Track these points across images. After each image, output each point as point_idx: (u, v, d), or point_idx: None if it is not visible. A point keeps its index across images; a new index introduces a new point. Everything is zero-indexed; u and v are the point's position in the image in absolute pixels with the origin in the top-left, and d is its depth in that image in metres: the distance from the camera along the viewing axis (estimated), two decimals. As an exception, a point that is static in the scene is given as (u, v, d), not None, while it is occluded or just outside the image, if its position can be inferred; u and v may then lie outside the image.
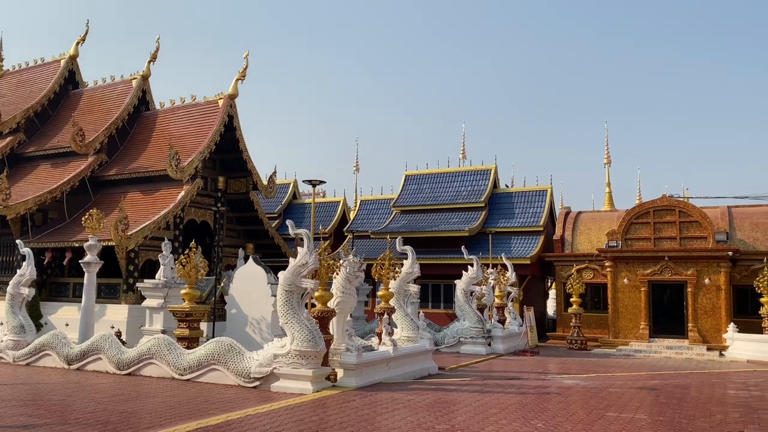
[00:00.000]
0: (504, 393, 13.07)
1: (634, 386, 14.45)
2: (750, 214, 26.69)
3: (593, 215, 30.91)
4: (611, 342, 24.83)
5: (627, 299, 25.27)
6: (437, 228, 30.70)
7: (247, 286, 17.81)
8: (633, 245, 25.74)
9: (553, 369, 17.93)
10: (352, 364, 13.18)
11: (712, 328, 23.74)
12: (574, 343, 24.69)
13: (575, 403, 12.06)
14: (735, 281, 24.45)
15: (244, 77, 25.82)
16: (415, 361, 15.60)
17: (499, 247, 28.98)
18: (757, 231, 25.74)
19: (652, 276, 24.85)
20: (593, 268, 27.45)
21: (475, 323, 21.81)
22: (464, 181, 33.30)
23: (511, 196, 32.47)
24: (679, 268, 24.43)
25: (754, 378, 16.34)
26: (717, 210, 27.03)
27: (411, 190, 34.34)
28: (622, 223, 26.21)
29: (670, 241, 25.28)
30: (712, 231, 24.70)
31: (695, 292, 24.15)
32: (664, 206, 25.87)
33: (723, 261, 23.94)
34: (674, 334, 24.26)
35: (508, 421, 10.05)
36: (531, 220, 30.59)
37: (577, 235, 29.12)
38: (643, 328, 24.58)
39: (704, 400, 12.65)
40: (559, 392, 13.36)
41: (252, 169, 26.38)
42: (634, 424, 10.05)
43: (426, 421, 9.91)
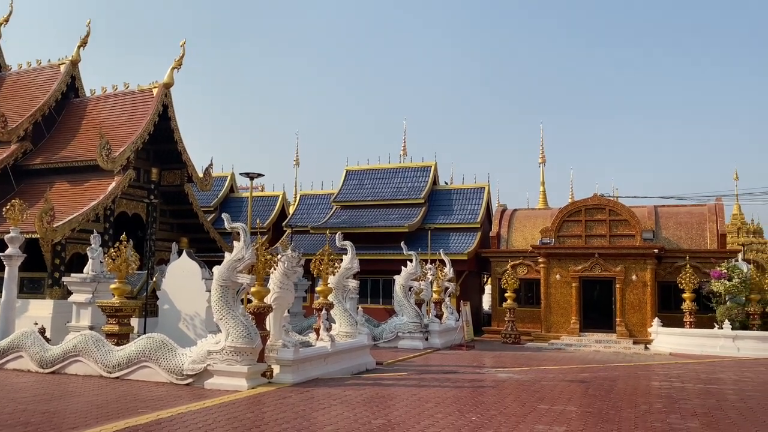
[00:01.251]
0: (440, 387, 13.21)
1: (565, 379, 14.89)
2: (675, 213, 27.99)
3: (528, 213, 31.71)
4: (544, 336, 25.54)
5: (559, 294, 26.05)
6: (377, 224, 30.76)
7: (181, 281, 17.33)
8: (565, 242, 26.55)
9: (487, 363, 18.27)
10: (288, 360, 13.02)
11: (638, 323, 24.77)
12: (508, 337, 25.25)
13: (509, 396, 12.32)
14: (660, 278, 25.59)
15: (180, 66, 25.06)
16: (353, 357, 15.57)
17: (437, 243, 29.30)
18: (681, 230, 27.01)
19: (583, 272, 25.70)
20: (527, 264, 28.14)
21: (413, 318, 21.98)
22: (405, 177, 33.50)
23: (450, 193, 32.90)
24: (608, 264, 25.37)
25: (675, 370, 17.14)
26: (644, 209, 28.19)
27: (352, 185, 34.26)
28: (556, 220, 26.99)
29: (601, 239, 26.21)
30: (640, 229, 25.75)
31: (623, 288, 25.14)
32: (595, 205, 26.80)
33: (649, 258, 25.00)
34: (603, 329, 25.18)
35: (444, 415, 10.16)
36: (469, 217, 31.08)
37: (512, 232, 29.79)
38: (573, 323, 25.39)
39: (630, 391, 13.16)
40: (493, 385, 13.62)
41: (187, 161, 25.67)
42: (565, 416, 10.34)
43: (363, 416, 9.89)
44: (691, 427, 9.65)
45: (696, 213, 27.81)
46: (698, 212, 27.82)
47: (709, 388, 13.79)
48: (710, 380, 15.05)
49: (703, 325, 23.21)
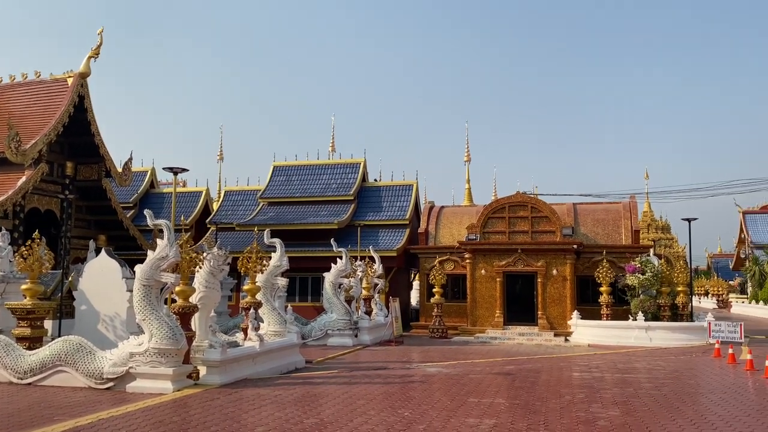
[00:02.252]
0: (371, 383, 13.22)
1: (492, 372, 15.25)
2: (592, 210, 29.21)
3: (455, 210, 32.26)
4: (470, 330, 26.07)
5: (484, 289, 26.65)
6: (306, 220, 30.45)
7: (99, 280, 16.51)
8: (490, 238, 27.18)
9: (416, 358, 18.46)
10: (215, 361, 12.67)
11: (558, 316, 25.70)
12: (435, 332, 25.61)
13: (439, 390, 12.48)
14: (578, 272, 26.63)
15: (97, 55, 23.85)
16: (282, 356, 15.34)
17: (367, 239, 29.32)
18: (598, 226, 28.23)
19: (507, 267, 26.40)
20: (454, 259, 28.62)
21: (343, 315, 21.91)
22: (334, 173, 33.31)
23: (380, 190, 33.00)
24: (530, 259, 26.17)
25: (594, 361, 17.90)
26: (564, 206, 29.26)
27: (279, 181, 33.74)
28: (481, 217, 27.59)
29: (523, 235, 27.00)
30: (560, 226, 26.71)
31: (544, 282, 26.00)
32: (518, 202, 27.58)
33: (569, 253, 25.98)
34: (526, 322, 25.96)
35: (376, 412, 10.16)
36: (398, 214, 31.29)
37: (440, 229, 30.22)
38: (498, 316, 26.05)
39: (554, 382, 13.63)
40: (423, 380, 13.76)
41: (105, 155, 24.49)
42: (494, 408, 10.58)
43: (294, 415, 9.74)
44: (611, 415, 10.08)
45: (612, 210, 29.13)
46: (614, 209, 29.16)
47: (626, 377, 14.47)
48: (627, 370, 15.81)
49: (618, 317, 24.34)
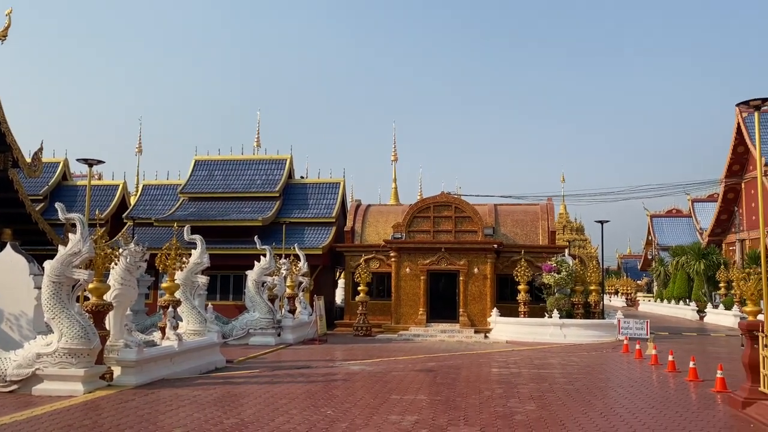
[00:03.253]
0: (293, 382, 13.10)
1: (414, 369, 15.46)
2: (512, 211, 30.15)
3: (381, 208, 32.47)
4: (393, 328, 26.32)
5: (408, 287, 26.99)
6: (229, 217, 29.80)
7: (4, 277, 15.49)
8: (415, 237, 27.55)
9: (340, 356, 18.45)
10: (131, 361, 12.19)
11: (479, 313, 26.38)
12: (360, 329, 25.69)
13: (362, 388, 12.52)
14: (498, 271, 27.43)
15: (5, 37, 22.34)
16: (202, 355, 14.95)
17: (292, 237, 29.02)
18: (517, 227, 29.16)
19: (431, 266, 26.85)
20: (380, 258, 28.81)
21: (266, 314, 21.59)
22: (259, 169, 32.75)
23: (306, 187, 32.74)
24: (453, 258, 26.71)
25: (512, 357, 18.48)
26: (486, 207, 30.05)
27: (201, 176, 32.84)
28: (406, 216, 27.92)
29: (447, 234, 27.53)
30: (482, 226, 27.41)
31: (466, 280, 26.62)
32: (442, 202, 28.10)
33: (490, 253, 26.72)
34: (448, 319, 26.49)
35: (298, 411, 10.08)
36: (324, 212, 31.15)
37: (366, 227, 30.33)
38: (421, 314, 26.44)
39: (474, 378, 13.97)
40: (346, 378, 13.77)
41: (12, 144, 22.97)
42: (416, 405, 10.72)
43: (213, 416, 9.51)
44: (528, 409, 10.44)
45: (530, 211, 30.17)
46: (532, 211, 30.21)
47: (541, 372, 15.03)
48: (543, 365, 16.41)
49: (535, 315, 25.26)
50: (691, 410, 10.47)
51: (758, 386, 10.27)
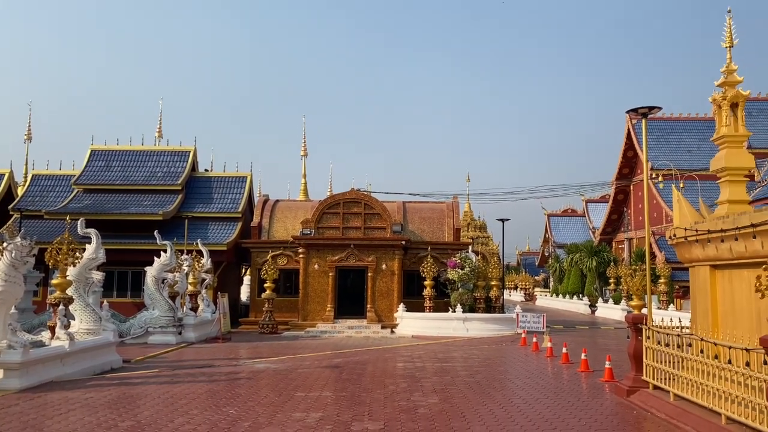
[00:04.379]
0: (194, 382, 12.70)
1: (321, 365, 15.41)
2: (420, 209, 30.71)
3: (289, 204, 32.09)
4: (300, 325, 26.11)
5: (316, 284, 26.86)
6: (127, 210, 28.41)
7: None
8: (324, 233, 27.46)
9: (244, 354, 18.08)
10: (15, 363, 11.38)
11: (386, 309, 26.69)
12: (265, 327, 25.29)
13: (266, 386, 12.34)
14: (406, 267, 27.86)
15: None
16: (96, 356, 14.18)
17: (195, 232, 28.09)
18: (424, 224, 29.73)
19: (340, 262, 26.86)
20: (287, 254, 28.48)
21: (166, 312, 20.79)
22: (160, 161, 31.43)
23: (211, 181, 31.79)
24: (362, 255, 26.87)
25: (417, 351, 18.84)
26: (394, 204, 30.43)
27: (98, 167, 31.09)
28: (316, 212, 27.76)
29: (356, 231, 27.64)
30: (390, 223, 27.73)
31: (374, 276, 26.85)
32: (352, 199, 28.16)
33: (398, 249, 27.09)
34: (356, 315, 26.62)
35: (199, 411, 9.78)
36: (230, 206, 30.38)
37: (274, 223, 29.87)
38: (329, 311, 26.40)
39: (379, 373, 14.11)
40: (250, 377, 13.52)
41: None
42: (321, 401, 10.69)
43: (108, 419, 9.05)
44: (431, 402, 10.68)
45: (437, 209, 30.86)
46: (439, 209, 30.92)
47: (444, 366, 15.42)
48: (446, 359, 16.85)
49: (440, 310, 25.88)
50: (582, 399, 11.10)
51: (641, 375, 11.04)
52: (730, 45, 11.14)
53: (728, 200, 10.98)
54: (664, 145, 42.14)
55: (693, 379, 9.14)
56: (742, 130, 11.08)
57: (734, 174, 11.08)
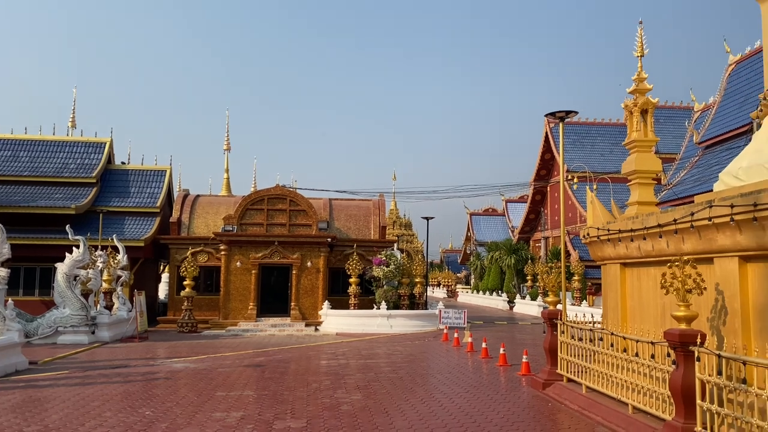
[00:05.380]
0: (108, 383, 12.18)
1: (242, 365, 15.13)
2: (346, 206, 30.70)
3: (211, 199, 31.28)
4: (222, 323, 25.54)
5: (239, 281, 26.34)
6: (36, 203, 26.82)
7: None
8: (247, 230, 26.94)
9: (162, 354, 17.50)
10: None
11: (311, 306, 26.51)
12: (184, 326, 24.57)
13: (185, 386, 11.99)
14: (331, 264, 27.79)
15: None
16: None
17: (111, 227, 26.91)
18: (350, 221, 29.75)
19: (263, 259, 26.44)
20: (208, 251, 27.77)
21: (78, 310, 19.79)
22: (73, 152, 29.88)
23: (128, 174, 30.52)
24: (286, 252, 26.57)
25: (341, 348, 18.84)
26: (320, 201, 30.28)
27: (4, 156, 29.18)
28: (239, 208, 27.19)
29: (281, 227, 27.28)
30: (316, 220, 27.56)
31: (299, 274, 26.62)
32: (277, 195, 27.77)
33: (323, 246, 26.96)
34: (279, 313, 26.30)
35: (113, 413, 9.38)
36: (148, 201, 29.29)
37: (194, 219, 29.04)
38: (251, 309, 25.95)
39: (303, 371, 14.01)
40: (168, 377, 13.10)
41: None
42: (242, 400, 10.50)
43: (12, 424, 8.53)
44: (354, 399, 10.71)
45: (363, 207, 30.95)
46: (365, 206, 31.01)
47: (368, 362, 15.50)
48: (370, 356, 16.93)
49: (365, 307, 25.97)
50: (500, 393, 11.44)
51: (556, 369, 11.51)
52: (641, 54, 11.78)
53: (638, 202, 11.63)
54: (579, 148, 44.04)
55: (603, 372, 9.61)
56: (651, 135, 11.75)
57: (643, 177, 11.74)
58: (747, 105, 25.67)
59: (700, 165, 29.35)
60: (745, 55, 28.71)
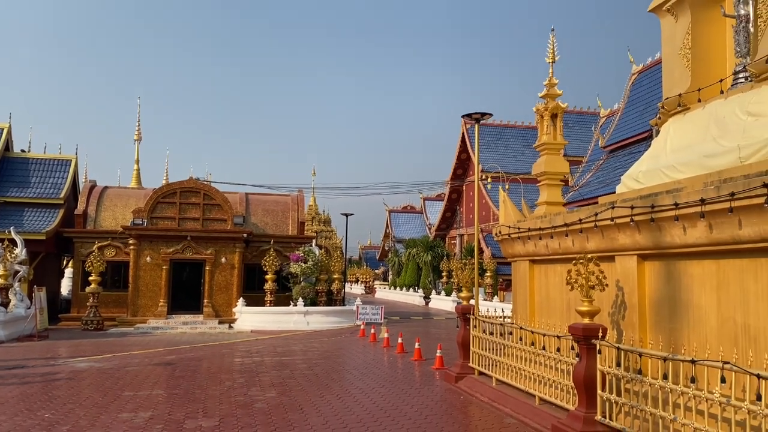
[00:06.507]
0: (3, 385, 11.42)
1: (151, 363, 14.60)
2: (263, 201, 30.20)
3: (120, 191, 29.92)
4: (130, 321, 24.52)
5: (148, 277, 25.34)
6: None
7: None
8: (158, 224, 25.97)
9: (64, 353, 16.59)
10: None
11: (224, 303, 25.91)
12: (90, 323, 23.41)
13: (89, 386, 11.44)
14: (247, 260, 27.25)
15: None
16: None
17: (8, 219, 25.18)
18: (268, 216, 29.30)
19: (175, 254, 25.57)
20: (116, 245, 26.55)
21: (-31, 307, 18.42)
22: (-35, 138, 27.70)
23: (28, 163, 28.63)
24: (200, 247, 25.81)
25: (256, 346, 18.55)
26: (236, 195, 29.62)
27: None
28: (149, 201, 26.16)
29: (194, 222, 26.47)
30: (232, 214, 26.95)
31: (213, 270, 25.93)
32: (190, 188, 26.92)
33: (239, 242, 26.40)
34: (191, 310, 25.52)
35: (8, 416, 8.81)
36: (51, 192, 27.62)
37: (101, 211, 27.68)
38: (162, 305, 25.05)
39: (215, 369, 13.69)
40: (70, 377, 12.45)
41: None
42: (151, 400, 10.13)
43: None
44: (269, 396, 10.58)
45: (281, 202, 30.55)
46: (283, 201, 30.63)
47: (284, 360, 15.35)
48: (285, 353, 16.78)
49: (282, 304, 25.68)
50: (415, 387, 11.65)
51: (468, 362, 11.84)
52: (552, 60, 12.30)
53: (546, 202, 12.15)
54: (494, 149, 45.43)
55: (512, 365, 9.99)
56: (560, 138, 12.30)
57: (552, 178, 12.28)
58: (648, 112, 27.34)
59: (604, 168, 31.01)
60: (648, 65, 30.56)
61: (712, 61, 9.52)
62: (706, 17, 9.60)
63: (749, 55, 8.47)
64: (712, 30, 9.57)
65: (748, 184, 6.21)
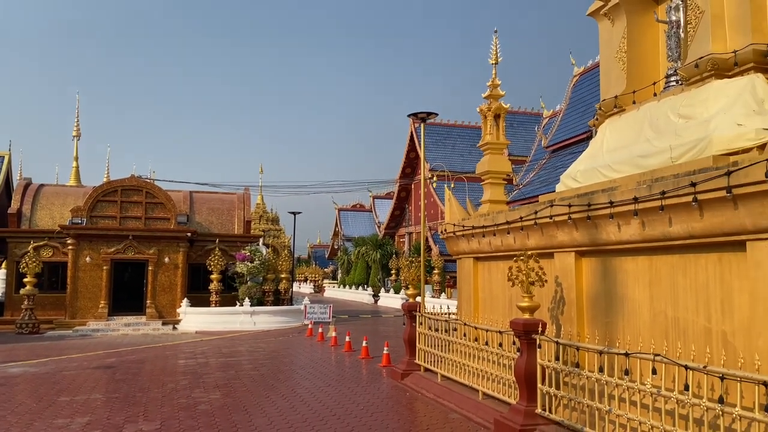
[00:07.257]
0: (-71, 394, 10.84)
1: (90, 366, 14.14)
2: (208, 199, 29.63)
3: (58, 189, 28.81)
4: (68, 323, 23.66)
5: (88, 278, 24.50)
6: None
7: None
8: (98, 223, 25.14)
9: (-3, 358, 15.88)
10: None
11: (168, 304, 25.30)
12: (25, 326, 22.47)
13: (23, 392, 11.00)
14: (191, 260, 26.67)
15: None
16: None
17: (-67, 218, 23.91)
18: (213, 215, 28.77)
19: (116, 254, 24.81)
20: (54, 245, 25.56)
21: None
22: None
23: (-44, 159, 27.28)
24: (142, 247, 25.12)
25: (201, 347, 18.20)
26: (180, 194, 28.96)
27: None
28: (89, 200, 25.29)
29: (136, 221, 25.75)
30: (175, 213, 26.34)
31: (155, 270, 25.27)
32: (132, 186, 26.16)
33: (183, 241, 25.82)
34: (133, 311, 24.81)
35: (-68, 427, 8.38)
36: (-20, 190, 26.36)
37: (37, 210, 26.60)
38: (102, 307, 24.27)
39: (158, 372, 13.37)
40: (2, 383, 11.93)
41: None
42: (89, 404, 9.82)
43: None
44: (212, 398, 10.40)
45: (227, 200, 30.05)
46: (229, 200, 30.13)
47: (229, 361, 15.12)
48: (230, 354, 16.52)
49: (228, 304, 25.26)
50: (362, 385, 11.68)
51: (414, 359, 11.95)
52: (495, 62, 12.52)
53: (490, 200, 12.37)
54: (441, 148, 45.93)
55: (457, 361, 10.13)
56: (503, 138, 12.54)
57: (495, 177, 12.51)
58: (588, 113, 28.17)
59: (546, 167, 31.80)
60: (588, 67, 31.48)
61: (646, 64, 9.89)
62: (640, 22, 9.96)
63: (680, 60, 8.84)
64: (646, 35, 9.94)
65: (677, 183, 6.48)
